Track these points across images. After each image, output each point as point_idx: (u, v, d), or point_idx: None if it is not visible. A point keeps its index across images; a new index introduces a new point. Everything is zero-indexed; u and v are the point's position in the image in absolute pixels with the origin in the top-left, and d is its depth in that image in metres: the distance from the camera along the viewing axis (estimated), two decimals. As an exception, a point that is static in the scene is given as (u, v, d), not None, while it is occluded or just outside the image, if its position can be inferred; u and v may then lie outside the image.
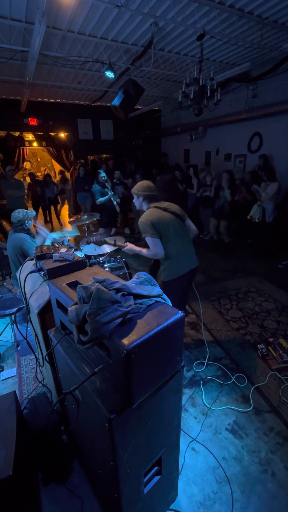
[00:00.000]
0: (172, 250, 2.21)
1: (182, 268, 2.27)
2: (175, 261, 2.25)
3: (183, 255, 2.26)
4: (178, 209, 2.31)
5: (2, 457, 1.19)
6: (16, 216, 2.89)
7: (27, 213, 2.96)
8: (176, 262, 2.25)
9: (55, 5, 3.27)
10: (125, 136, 9.66)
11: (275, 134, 5.88)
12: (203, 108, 4.44)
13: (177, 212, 2.27)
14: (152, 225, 2.13)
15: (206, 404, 2.22)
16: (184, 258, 2.28)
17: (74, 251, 1.92)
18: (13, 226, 2.97)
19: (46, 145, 8.80)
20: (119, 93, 4.75)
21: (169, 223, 2.19)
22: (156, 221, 2.14)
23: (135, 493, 1.24)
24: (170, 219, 2.20)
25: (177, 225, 2.23)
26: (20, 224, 2.92)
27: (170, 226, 2.18)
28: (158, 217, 2.16)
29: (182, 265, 2.27)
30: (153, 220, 2.14)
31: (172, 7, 3.40)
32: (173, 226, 2.20)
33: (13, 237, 2.94)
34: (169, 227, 2.18)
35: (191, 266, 2.33)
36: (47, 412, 1.78)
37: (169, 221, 2.19)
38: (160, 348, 1.03)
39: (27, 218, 2.95)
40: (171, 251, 2.22)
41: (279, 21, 3.88)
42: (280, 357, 2.57)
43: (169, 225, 2.18)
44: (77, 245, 3.61)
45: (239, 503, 1.60)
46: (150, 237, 2.14)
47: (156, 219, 2.15)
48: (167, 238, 2.19)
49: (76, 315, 1.01)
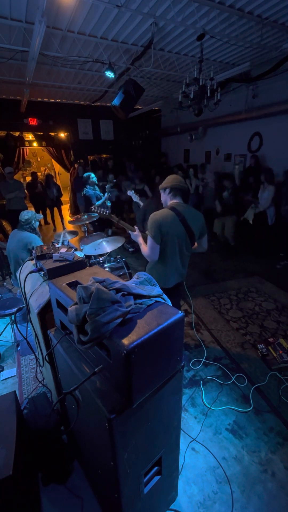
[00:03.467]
0: (165, 263, 2.10)
1: (166, 283, 2.15)
2: (162, 273, 2.13)
3: (172, 274, 2.15)
4: (198, 225, 2.10)
5: (2, 457, 1.19)
6: (24, 215, 2.99)
7: (35, 214, 3.06)
8: (164, 275, 2.13)
9: (55, 5, 3.27)
10: (125, 136, 9.66)
11: (275, 134, 5.88)
12: (203, 108, 4.44)
13: (192, 228, 2.06)
14: (158, 228, 1.96)
15: (206, 404, 2.22)
16: (172, 276, 2.16)
17: (74, 251, 1.92)
18: (19, 225, 3.03)
19: (46, 145, 8.79)
20: (119, 93, 4.74)
21: (175, 236, 2.02)
22: (165, 229, 1.97)
23: (135, 493, 1.24)
24: (179, 232, 2.02)
25: (182, 241, 2.06)
26: (27, 223, 2.99)
27: (175, 240, 2.03)
28: (169, 224, 1.98)
29: (166, 280, 2.15)
30: (162, 224, 1.96)
31: (172, 7, 3.40)
32: (178, 242, 2.05)
33: (19, 235, 3.01)
34: (174, 242, 2.03)
35: (175, 282, 2.21)
36: (47, 412, 1.78)
37: (177, 234, 2.02)
38: (160, 348, 1.03)
39: (35, 219, 3.03)
40: (163, 264, 2.10)
41: (279, 21, 3.87)
42: (280, 357, 2.57)
43: (174, 239, 2.02)
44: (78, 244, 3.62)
45: (239, 503, 1.60)
46: (151, 238, 2.00)
47: (167, 225, 1.97)
48: (165, 248, 2.05)
49: (76, 315, 1.01)
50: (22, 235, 2.99)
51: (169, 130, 9.47)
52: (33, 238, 2.98)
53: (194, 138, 8.14)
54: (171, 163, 9.56)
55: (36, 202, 7.61)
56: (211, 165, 7.68)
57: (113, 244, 3.17)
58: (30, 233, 3.01)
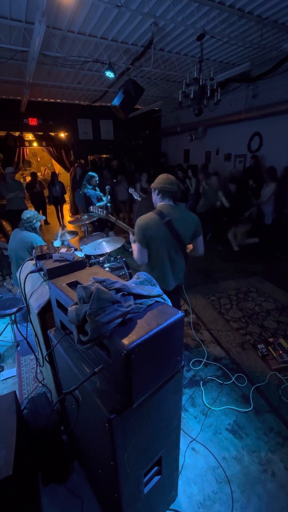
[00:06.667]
0: (153, 267, 2.04)
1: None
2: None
3: (160, 278, 2.02)
4: (188, 228, 2.00)
5: (2, 457, 1.19)
6: (26, 213, 3.01)
7: (37, 214, 3.07)
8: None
9: (55, 5, 3.27)
10: (125, 136, 9.66)
11: (275, 134, 5.88)
12: (203, 108, 4.44)
13: (178, 231, 1.96)
14: (143, 233, 1.92)
15: (206, 404, 2.22)
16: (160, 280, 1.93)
17: (74, 251, 1.92)
18: (21, 224, 3.05)
19: (46, 145, 8.78)
20: (119, 93, 4.75)
21: (161, 240, 1.95)
22: (150, 233, 1.92)
23: (135, 493, 1.24)
24: (164, 236, 1.95)
25: (169, 245, 1.98)
26: (28, 222, 3.00)
27: (161, 244, 1.96)
28: (153, 229, 1.93)
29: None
30: (146, 228, 1.92)
31: (172, 7, 3.40)
32: (165, 246, 1.98)
33: (20, 234, 3.02)
34: (160, 246, 1.97)
35: (168, 288, 2.11)
36: (47, 412, 1.78)
37: (162, 238, 1.95)
38: (160, 348, 1.03)
39: (36, 218, 3.04)
40: (151, 268, 2.04)
41: (279, 21, 3.87)
42: (280, 357, 2.57)
43: (159, 243, 1.96)
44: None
45: (239, 503, 1.60)
46: (137, 242, 1.96)
47: (151, 230, 1.92)
48: (152, 253, 1.99)
49: (76, 315, 1.01)
50: (23, 235, 3.00)
51: (169, 130, 9.47)
52: (35, 237, 2.99)
53: (194, 138, 8.15)
54: (171, 163, 9.55)
55: (35, 202, 7.65)
56: (211, 165, 7.68)
57: (113, 244, 3.17)
58: (31, 233, 3.01)
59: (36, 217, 3.03)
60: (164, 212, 1.96)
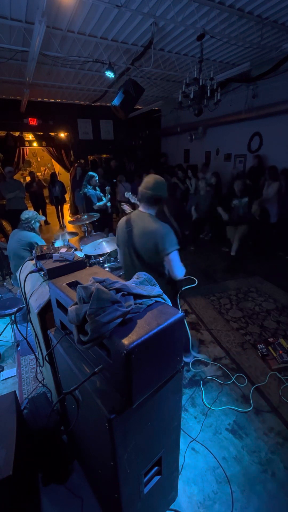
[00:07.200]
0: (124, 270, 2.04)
1: None
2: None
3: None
4: (146, 244, 1.77)
5: (2, 457, 1.19)
6: (25, 214, 3.02)
7: (36, 215, 3.09)
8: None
9: (55, 5, 3.27)
10: (125, 136, 9.66)
11: (275, 134, 5.88)
12: (203, 108, 4.44)
13: (135, 244, 1.80)
14: (116, 233, 1.96)
15: (206, 404, 2.22)
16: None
17: (74, 251, 1.92)
18: (20, 224, 3.06)
19: (46, 145, 8.79)
20: (119, 93, 4.75)
21: (124, 247, 1.91)
22: (117, 237, 1.94)
23: (135, 493, 1.24)
24: (126, 243, 1.87)
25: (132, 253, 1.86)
26: (26, 222, 3.01)
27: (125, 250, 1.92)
28: (119, 233, 1.92)
29: None
30: (117, 231, 1.95)
31: (172, 7, 3.40)
32: (129, 254, 1.89)
33: (19, 234, 3.03)
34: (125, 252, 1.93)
35: None
36: (47, 412, 1.78)
37: (125, 245, 1.90)
38: (160, 348, 1.03)
39: (35, 219, 3.06)
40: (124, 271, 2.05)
41: (279, 21, 3.87)
42: (280, 357, 2.57)
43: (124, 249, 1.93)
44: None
45: (239, 503, 1.60)
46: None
47: (118, 234, 1.93)
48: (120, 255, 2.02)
49: (76, 315, 1.01)
50: (22, 234, 3.00)
51: (169, 130, 9.47)
52: (33, 237, 3.00)
53: (194, 138, 8.15)
54: (171, 163, 9.55)
55: (33, 201, 7.68)
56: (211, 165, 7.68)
57: (113, 244, 3.17)
58: (30, 232, 3.02)
59: (35, 218, 3.04)
60: (131, 218, 1.87)
